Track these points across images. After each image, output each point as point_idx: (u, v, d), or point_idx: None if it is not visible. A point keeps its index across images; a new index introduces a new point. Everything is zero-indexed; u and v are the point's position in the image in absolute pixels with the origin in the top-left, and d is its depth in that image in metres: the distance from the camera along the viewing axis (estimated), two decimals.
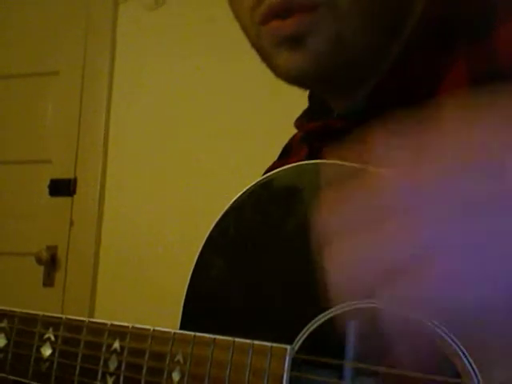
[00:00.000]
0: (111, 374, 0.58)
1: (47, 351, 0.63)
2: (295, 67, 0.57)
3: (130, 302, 1.97)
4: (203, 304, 0.57)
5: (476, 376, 0.42)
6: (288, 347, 0.49)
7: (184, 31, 2.08)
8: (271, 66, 0.60)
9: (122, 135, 2.14)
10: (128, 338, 0.58)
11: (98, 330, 0.60)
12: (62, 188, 2.18)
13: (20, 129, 2.28)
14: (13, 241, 2.21)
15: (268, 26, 0.57)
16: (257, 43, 0.60)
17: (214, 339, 0.52)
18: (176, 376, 0.54)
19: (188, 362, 0.54)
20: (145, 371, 0.56)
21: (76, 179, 2.17)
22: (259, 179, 0.56)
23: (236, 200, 0.56)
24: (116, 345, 0.58)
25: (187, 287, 0.57)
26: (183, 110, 2.07)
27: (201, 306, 0.57)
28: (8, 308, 0.68)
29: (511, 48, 0.52)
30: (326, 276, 0.35)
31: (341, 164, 0.52)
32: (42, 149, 2.24)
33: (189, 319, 0.57)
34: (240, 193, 0.56)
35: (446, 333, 0.43)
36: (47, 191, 2.19)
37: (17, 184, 2.26)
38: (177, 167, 2.05)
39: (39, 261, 2.14)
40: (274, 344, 0.49)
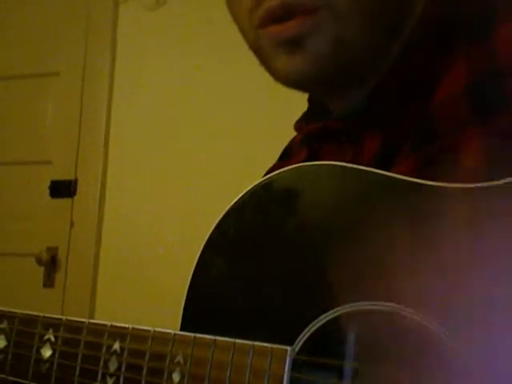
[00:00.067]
0: (111, 375, 0.58)
1: (47, 352, 0.63)
2: (294, 70, 0.57)
3: (131, 303, 1.97)
4: (204, 305, 0.57)
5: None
6: (288, 348, 0.49)
7: (184, 31, 2.08)
8: (270, 70, 0.60)
9: (123, 136, 2.14)
10: (128, 339, 0.58)
11: (98, 331, 0.60)
12: (63, 189, 2.18)
13: (20, 130, 2.28)
14: (13, 242, 2.21)
15: (266, 30, 0.57)
16: (255, 46, 0.60)
17: (215, 340, 0.52)
18: (176, 377, 0.54)
19: (188, 363, 0.53)
20: (145, 372, 0.56)
21: (76, 180, 2.17)
22: (260, 180, 0.56)
23: (237, 201, 0.56)
24: (116, 346, 0.58)
25: (188, 288, 0.57)
26: (183, 110, 2.07)
27: (201, 307, 0.57)
28: (8, 309, 0.68)
29: (511, 48, 0.51)
30: None
31: (339, 165, 0.52)
32: (43, 150, 2.24)
33: (189, 320, 0.57)
34: (241, 194, 0.56)
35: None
36: (48, 192, 2.19)
37: (17, 185, 2.26)
38: (177, 167, 2.05)
39: (39, 262, 2.14)
40: (275, 345, 0.49)
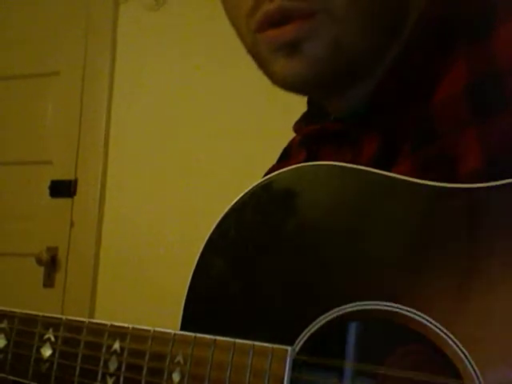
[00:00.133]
0: (111, 375, 0.58)
1: (47, 352, 0.63)
2: (292, 73, 0.56)
3: (131, 303, 1.97)
4: (204, 305, 0.57)
5: (478, 378, 0.42)
6: (289, 348, 0.49)
7: (184, 31, 2.08)
8: (268, 73, 0.60)
9: (123, 136, 2.14)
10: (128, 339, 0.57)
11: (98, 331, 0.60)
12: (63, 189, 2.18)
13: (20, 129, 2.28)
14: (13, 242, 2.21)
15: (264, 34, 0.57)
16: (253, 50, 0.60)
17: (215, 340, 0.52)
18: (176, 377, 0.54)
19: (188, 363, 0.53)
20: (145, 372, 0.56)
21: (76, 180, 2.17)
22: (260, 181, 0.56)
23: (237, 201, 0.56)
24: (116, 346, 0.58)
25: (188, 288, 0.57)
26: (183, 110, 2.07)
27: (201, 307, 0.57)
28: (8, 308, 0.68)
29: (511, 48, 0.51)
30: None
31: (339, 165, 0.52)
32: (43, 150, 2.24)
33: (189, 320, 0.57)
34: (241, 194, 0.56)
35: (447, 334, 0.43)
36: (48, 192, 2.19)
37: (17, 185, 2.26)
38: (177, 167, 2.05)
39: (39, 262, 2.14)
40: (275, 345, 0.49)
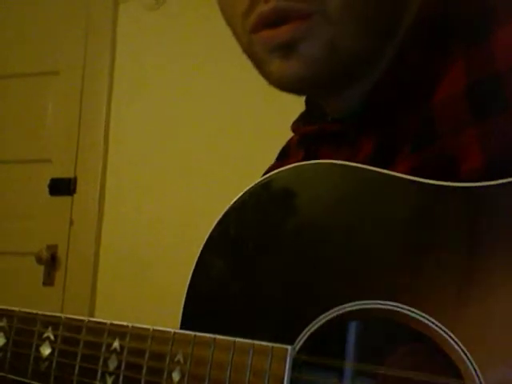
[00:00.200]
0: (111, 374, 0.58)
1: (46, 350, 0.63)
2: (288, 74, 0.56)
3: (130, 302, 1.97)
4: (204, 304, 0.57)
5: (478, 378, 0.42)
6: (289, 348, 0.49)
7: (184, 31, 2.08)
8: (264, 74, 0.60)
9: (122, 135, 2.14)
10: (128, 338, 0.57)
11: (98, 330, 0.60)
12: (62, 187, 2.18)
13: (20, 128, 2.28)
14: (13, 240, 2.21)
15: (259, 35, 0.56)
16: (249, 50, 0.60)
17: (215, 339, 0.52)
18: (176, 376, 0.54)
19: (188, 362, 0.53)
20: (145, 371, 0.56)
21: (76, 178, 2.17)
22: (259, 180, 0.56)
23: (236, 200, 0.56)
24: (116, 344, 0.58)
25: (188, 287, 0.57)
26: (183, 110, 2.07)
27: (201, 306, 0.57)
28: (7, 307, 0.68)
29: (509, 52, 0.51)
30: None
31: (338, 164, 0.52)
32: (42, 148, 2.24)
33: (189, 319, 0.57)
34: (240, 193, 0.56)
35: (448, 334, 0.43)
36: (47, 190, 2.19)
37: (17, 183, 2.26)
38: (177, 167, 2.05)
39: (39, 260, 2.14)
40: (275, 344, 0.49)
